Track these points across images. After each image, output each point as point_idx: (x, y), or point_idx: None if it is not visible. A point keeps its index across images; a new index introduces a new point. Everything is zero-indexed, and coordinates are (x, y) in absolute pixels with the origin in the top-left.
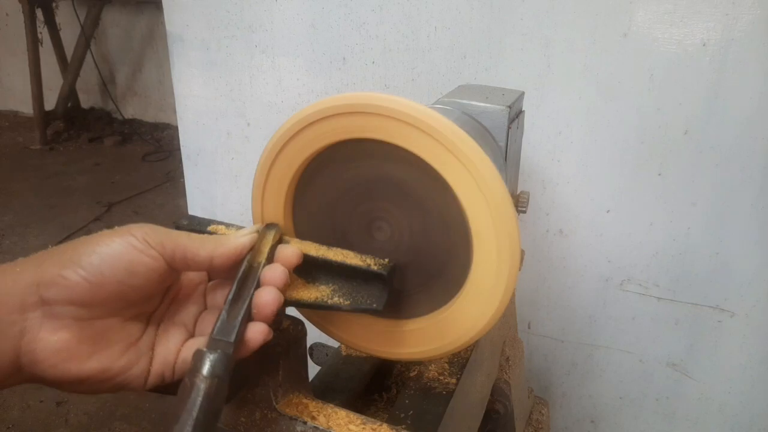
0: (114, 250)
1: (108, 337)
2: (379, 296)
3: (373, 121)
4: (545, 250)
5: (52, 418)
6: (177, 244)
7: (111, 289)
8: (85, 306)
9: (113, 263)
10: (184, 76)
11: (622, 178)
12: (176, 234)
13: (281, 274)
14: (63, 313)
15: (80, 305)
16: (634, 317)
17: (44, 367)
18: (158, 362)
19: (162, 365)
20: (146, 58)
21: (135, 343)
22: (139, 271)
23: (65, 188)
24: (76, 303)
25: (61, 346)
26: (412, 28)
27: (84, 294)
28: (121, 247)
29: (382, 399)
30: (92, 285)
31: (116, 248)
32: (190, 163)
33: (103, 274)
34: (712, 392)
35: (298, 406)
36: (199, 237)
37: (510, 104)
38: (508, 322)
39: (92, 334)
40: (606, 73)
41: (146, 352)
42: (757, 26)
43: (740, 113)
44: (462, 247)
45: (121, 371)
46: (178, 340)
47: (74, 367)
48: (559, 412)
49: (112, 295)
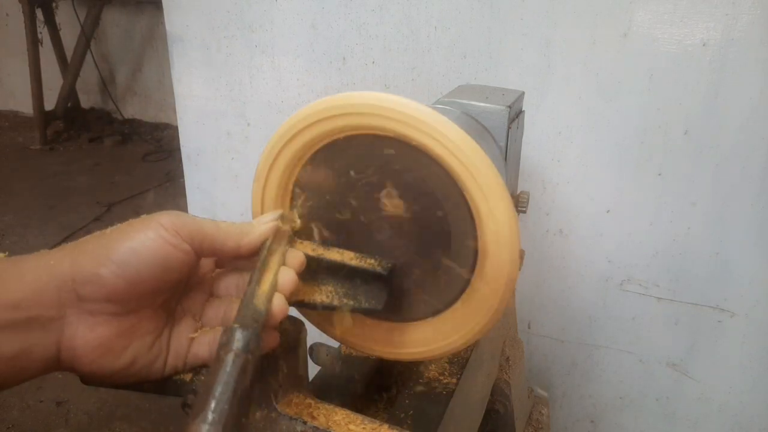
0: (148, 246)
1: (140, 330)
2: (379, 296)
3: (373, 121)
4: (545, 250)
5: (52, 418)
6: (205, 235)
7: (147, 286)
8: (121, 303)
9: (149, 261)
10: (184, 76)
11: (622, 178)
12: (201, 222)
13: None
14: (99, 310)
15: (116, 302)
16: (634, 317)
17: (83, 362)
18: (172, 354)
19: (174, 358)
20: (146, 58)
21: (160, 335)
22: (174, 266)
23: (65, 188)
24: (113, 300)
25: (100, 342)
26: (412, 28)
27: (121, 292)
28: (155, 243)
29: (382, 399)
30: (129, 284)
31: (150, 245)
32: (190, 163)
33: (139, 273)
34: (712, 392)
35: (298, 406)
36: (224, 226)
37: (510, 104)
38: (508, 322)
39: (127, 328)
40: (606, 73)
41: (166, 341)
42: (757, 26)
43: (740, 113)
44: (462, 246)
45: (148, 363)
46: (188, 329)
47: (110, 361)
48: (559, 412)
49: (148, 291)
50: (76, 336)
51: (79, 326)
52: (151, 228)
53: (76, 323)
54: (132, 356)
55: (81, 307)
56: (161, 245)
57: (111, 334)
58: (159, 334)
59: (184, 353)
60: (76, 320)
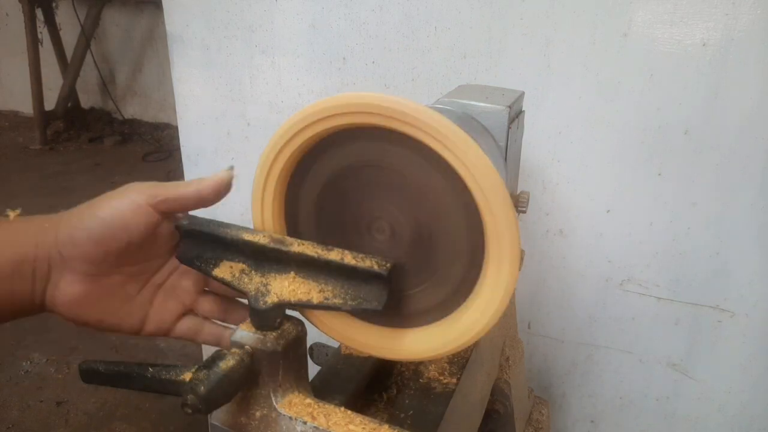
0: (110, 212)
1: (107, 293)
2: (379, 296)
3: (373, 121)
4: (545, 250)
5: (52, 418)
6: (166, 189)
7: (112, 246)
8: (94, 263)
9: (112, 223)
10: (184, 76)
11: (622, 178)
12: (164, 183)
13: None
14: (77, 268)
15: (90, 262)
16: (634, 317)
17: (62, 310)
18: (152, 324)
19: (155, 328)
20: (146, 58)
21: (129, 302)
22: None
23: (65, 188)
24: (86, 260)
25: (74, 297)
26: (412, 28)
27: (91, 251)
28: (117, 210)
29: (382, 399)
30: (96, 243)
31: (113, 211)
32: (190, 163)
33: (103, 234)
34: (712, 392)
35: (298, 406)
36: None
37: (510, 104)
38: (508, 322)
39: (97, 290)
40: (606, 73)
41: (139, 311)
42: (757, 26)
43: (740, 113)
44: (462, 246)
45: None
46: (174, 310)
47: (82, 314)
48: (559, 412)
49: (113, 251)
50: (57, 288)
51: (60, 281)
52: (116, 197)
53: (58, 278)
54: (100, 313)
55: (64, 265)
56: (122, 209)
57: (83, 291)
58: (127, 301)
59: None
60: (59, 276)
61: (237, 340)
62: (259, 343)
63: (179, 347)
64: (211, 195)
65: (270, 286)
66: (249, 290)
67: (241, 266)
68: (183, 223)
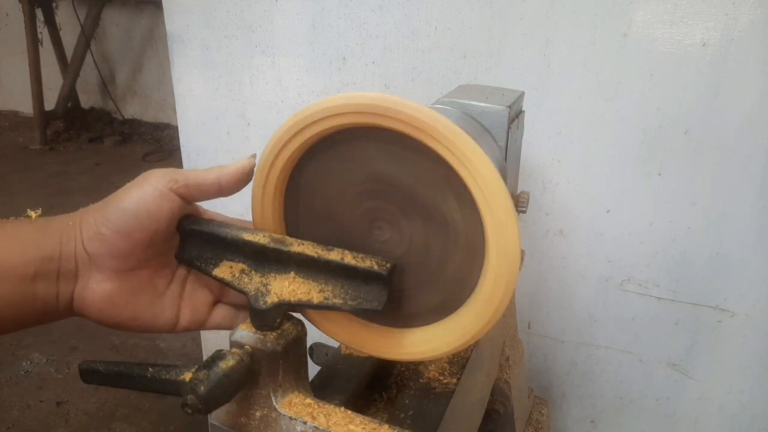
0: (134, 202)
1: (139, 289)
2: (379, 296)
3: (373, 121)
4: (545, 250)
5: (52, 418)
6: (187, 177)
7: (139, 236)
8: (122, 256)
9: (138, 212)
10: (184, 76)
11: (622, 178)
12: (183, 170)
13: None
14: (105, 265)
15: (118, 256)
16: (634, 317)
17: (91, 311)
18: (186, 317)
19: (189, 321)
20: (146, 58)
21: (161, 297)
22: (159, 213)
23: (65, 188)
24: (114, 254)
25: (105, 296)
26: (412, 28)
27: (119, 245)
28: (140, 199)
29: (382, 399)
30: (123, 236)
31: (137, 200)
32: (190, 163)
33: (129, 225)
34: (712, 392)
35: (298, 406)
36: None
37: (510, 104)
38: (508, 322)
39: (128, 287)
40: (606, 73)
41: (171, 306)
42: (757, 26)
43: (740, 113)
44: (461, 247)
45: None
46: (204, 300)
47: (115, 314)
48: (559, 412)
49: (141, 241)
50: (86, 288)
51: (89, 280)
52: (137, 186)
53: (87, 277)
54: (132, 311)
55: (91, 262)
56: (145, 198)
57: (114, 289)
58: (159, 295)
59: (201, 319)
60: (87, 275)
61: (237, 340)
62: (259, 343)
63: (179, 347)
64: (231, 184)
65: (270, 286)
66: (249, 290)
67: (241, 266)
68: (183, 223)
